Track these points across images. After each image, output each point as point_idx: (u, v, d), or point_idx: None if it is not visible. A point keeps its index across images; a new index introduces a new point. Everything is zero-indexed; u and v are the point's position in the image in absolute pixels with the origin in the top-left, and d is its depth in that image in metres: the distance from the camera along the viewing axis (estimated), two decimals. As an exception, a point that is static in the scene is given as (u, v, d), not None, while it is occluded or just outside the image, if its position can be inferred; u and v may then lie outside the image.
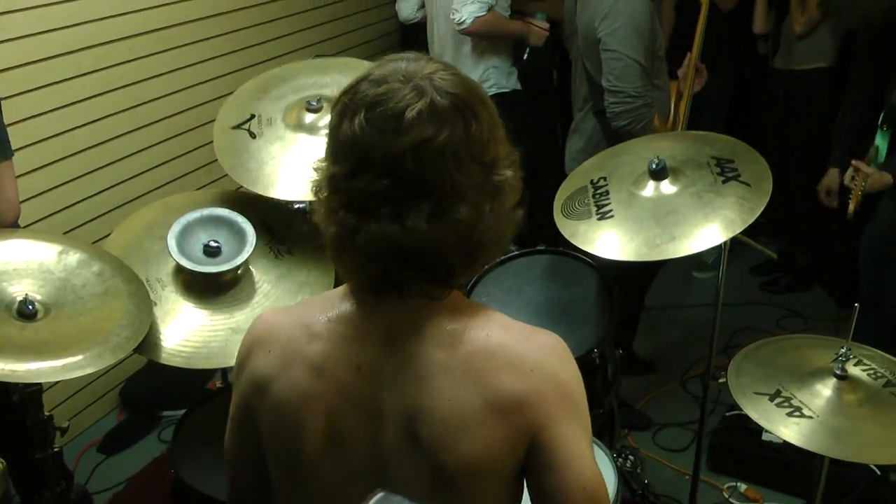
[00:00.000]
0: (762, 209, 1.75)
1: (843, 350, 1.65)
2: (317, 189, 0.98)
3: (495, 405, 0.94)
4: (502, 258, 2.20)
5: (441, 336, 0.96)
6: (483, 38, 3.07)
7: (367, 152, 0.92)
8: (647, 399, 2.90)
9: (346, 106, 0.95)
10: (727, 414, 2.57)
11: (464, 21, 2.96)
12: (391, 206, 0.92)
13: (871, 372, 1.68)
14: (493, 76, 3.17)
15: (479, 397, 0.94)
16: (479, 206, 0.95)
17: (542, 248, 2.21)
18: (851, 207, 2.56)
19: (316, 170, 0.99)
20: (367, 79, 0.96)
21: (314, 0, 3.61)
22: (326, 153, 0.98)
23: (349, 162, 0.94)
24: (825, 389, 1.63)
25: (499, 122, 1.00)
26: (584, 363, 1.84)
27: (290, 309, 1.05)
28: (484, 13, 2.96)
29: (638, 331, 3.00)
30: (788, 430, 1.54)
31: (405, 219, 0.92)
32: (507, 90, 3.20)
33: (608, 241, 1.82)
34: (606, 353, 1.99)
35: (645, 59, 2.40)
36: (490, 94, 3.18)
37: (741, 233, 1.78)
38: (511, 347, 0.96)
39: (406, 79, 0.94)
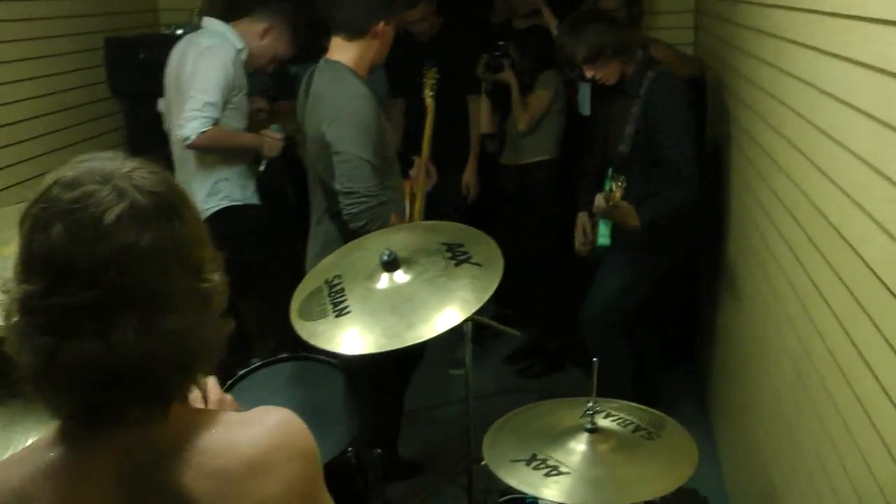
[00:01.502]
0: (496, 286, 1.92)
1: (591, 405, 1.83)
2: (7, 314, 0.92)
3: None
4: (243, 372, 2.21)
5: (179, 456, 0.92)
6: (211, 152, 3.14)
7: (65, 264, 0.88)
8: (419, 501, 2.98)
9: (38, 217, 0.91)
10: (499, 500, 2.70)
11: (188, 137, 3.01)
12: (94, 322, 0.88)
13: (620, 420, 1.89)
14: (224, 188, 3.23)
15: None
16: (188, 314, 0.93)
17: (283, 356, 2.25)
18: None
19: (5, 293, 0.92)
20: (58, 183, 0.92)
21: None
22: (16, 272, 0.92)
23: (45, 278, 0.89)
24: (579, 445, 1.79)
25: (202, 223, 1.00)
26: (342, 464, 1.89)
27: None
28: (208, 128, 3.02)
29: (400, 434, 3.08)
30: (550, 490, 1.67)
31: (111, 334, 0.88)
32: (240, 203, 3.26)
33: (349, 337, 1.91)
34: (363, 453, 2.05)
35: (375, 158, 2.54)
36: (221, 206, 3.32)
37: (485, 316, 1.92)
38: (256, 443, 0.95)
39: (103, 179, 0.91)
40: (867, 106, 1.60)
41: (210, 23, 3.26)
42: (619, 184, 2.73)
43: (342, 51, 2.61)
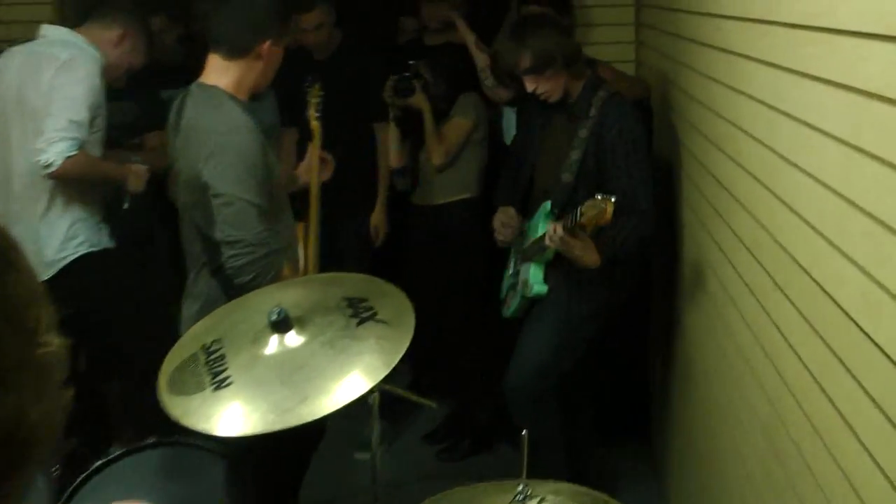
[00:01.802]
0: (406, 347, 1.90)
1: (521, 488, 1.76)
2: None
3: None
4: (100, 463, 2.13)
5: None
6: (74, 182, 3.07)
7: None
8: None
9: None
10: None
11: (52, 163, 2.94)
12: None
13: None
14: (81, 232, 3.17)
15: None
16: (21, 389, 0.88)
17: (150, 441, 2.16)
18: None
19: None
20: None
21: None
22: None
23: None
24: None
25: (35, 275, 0.94)
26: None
27: None
28: (75, 151, 2.96)
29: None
30: None
31: None
32: (97, 249, 3.21)
33: (230, 414, 1.84)
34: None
35: (262, 199, 2.51)
36: (79, 254, 3.23)
37: (396, 385, 1.89)
38: None
39: None
40: (835, 128, 1.64)
41: (52, 31, 3.20)
42: (602, 200, 2.65)
43: (219, 72, 2.59)
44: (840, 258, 1.62)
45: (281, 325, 1.97)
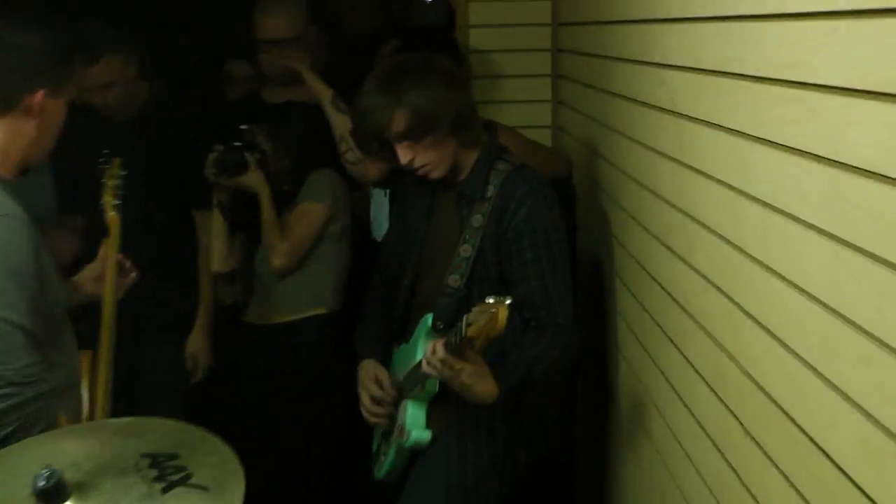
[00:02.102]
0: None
1: None
2: None
3: None
4: None
5: None
6: None
7: None
8: None
9: None
10: None
11: None
12: None
13: None
14: None
15: None
16: None
17: None
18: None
19: None
20: None
21: None
22: None
23: None
24: None
25: None
26: None
27: None
28: None
29: None
30: None
31: None
32: None
33: None
34: None
35: (30, 320, 2.50)
36: None
37: None
38: None
39: None
40: (819, 215, 1.72)
41: None
42: (493, 304, 2.60)
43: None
44: (818, 382, 1.72)
45: (51, 495, 1.91)
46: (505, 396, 2.91)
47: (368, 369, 3.31)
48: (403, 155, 3.06)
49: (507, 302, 2.55)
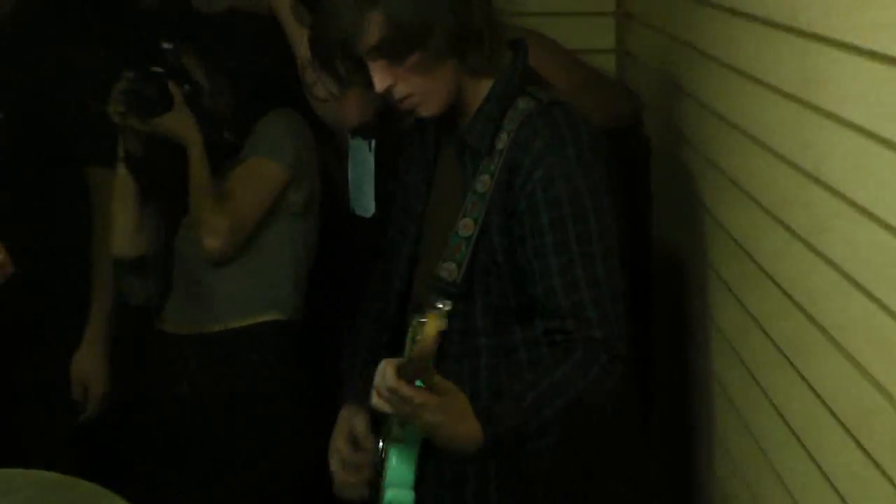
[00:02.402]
0: None
1: None
2: None
3: None
4: None
5: None
6: None
7: None
8: None
9: None
10: None
11: None
12: None
13: None
14: None
15: None
16: None
17: None
18: None
19: None
20: None
21: None
22: None
23: None
24: None
25: None
26: None
27: None
28: None
29: None
30: None
31: None
32: None
33: None
34: None
35: None
36: None
37: None
38: None
39: None
40: None
41: None
42: (433, 317, 2.64)
43: None
44: None
45: None
46: (496, 447, 2.86)
47: (342, 421, 3.31)
48: (379, 79, 3.01)
49: (442, 307, 2.72)
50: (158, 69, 3.84)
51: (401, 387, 2.68)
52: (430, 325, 2.55)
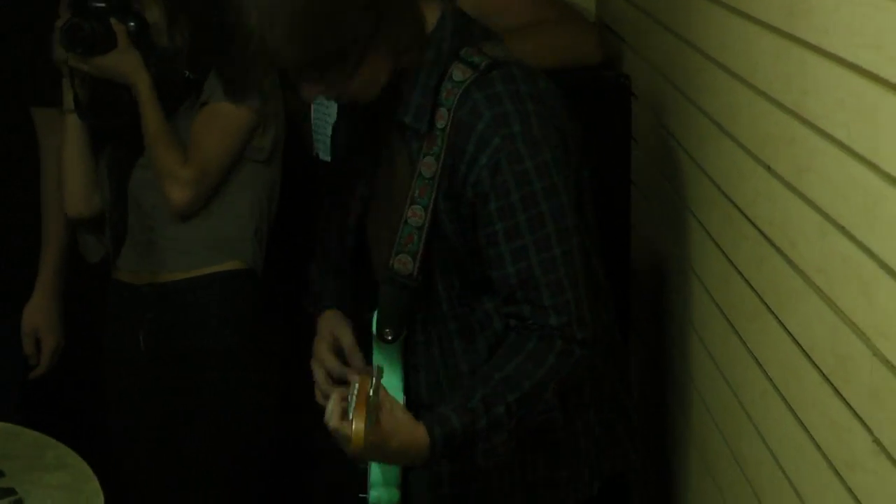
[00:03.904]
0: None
1: None
2: None
3: None
4: None
5: None
6: None
7: None
8: None
9: None
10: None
11: None
12: None
13: None
14: None
15: None
16: None
17: None
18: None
19: None
20: None
21: None
22: None
23: None
24: None
25: None
26: None
27: None
28: None
29: None
30: None
31: None
32: None
33: None
34: None
35: None
36: None
37: None
38: None
39: None
40: None
41: None
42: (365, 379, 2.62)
43: None
44: None
45: None
46: (447, 450, 2.85)
47: (325, 329, 3.32)
48: (307, 91, 3.02)
49: (375, 372, 2.63)
50: (100, 3, 3.79)
51: (344, 428, 2.68)
52: (361, 389, 2.58)
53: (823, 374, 2.30)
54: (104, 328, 4.19)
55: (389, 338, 3.01)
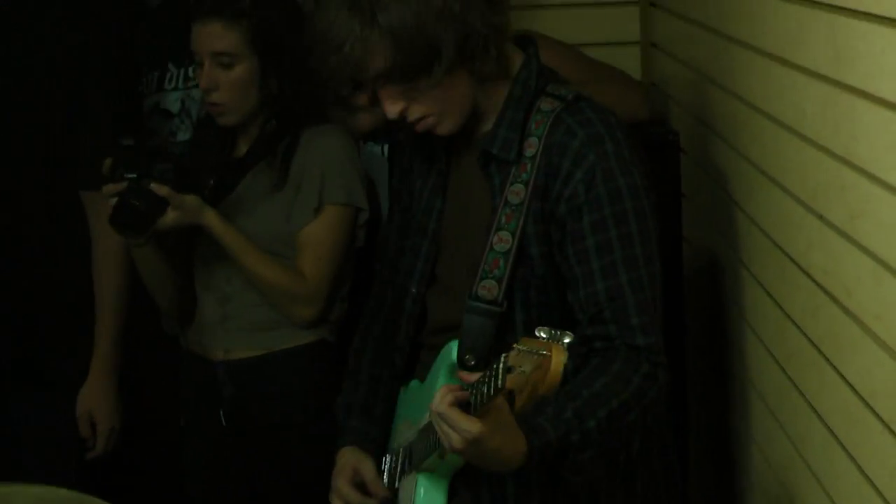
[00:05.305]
0: None
1: None
2: None
3: None
4: None
5: None
6: None
7: None
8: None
9: None
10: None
11: None
12: None
13: None
14: None
15: None
16: None
17: None
18: None
19: None
20: None
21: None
22: None
23: None
24: None
25: None
26: None
27: None
28: None
29: None
30: None
31: None
32: None
33: None
34: None
35: None
36: None
37: None
38: None
39: None
40: None
41: None
42: (545, 342, 2.49)
43: None
44: None
45: None
46: (540, 461, 2.81)
47: (345, 464, 3.29)
48: (390, 104, 3.00)
49: (566, 341, 2.48)
50: (131, 175, 3.68)
51: (465, 426, 2.62)
52: (556, 359, 2.43)
53: (884, 422, 2.26)
54: (181, 399, 4.18)
55: (472, 363, 2.98)
